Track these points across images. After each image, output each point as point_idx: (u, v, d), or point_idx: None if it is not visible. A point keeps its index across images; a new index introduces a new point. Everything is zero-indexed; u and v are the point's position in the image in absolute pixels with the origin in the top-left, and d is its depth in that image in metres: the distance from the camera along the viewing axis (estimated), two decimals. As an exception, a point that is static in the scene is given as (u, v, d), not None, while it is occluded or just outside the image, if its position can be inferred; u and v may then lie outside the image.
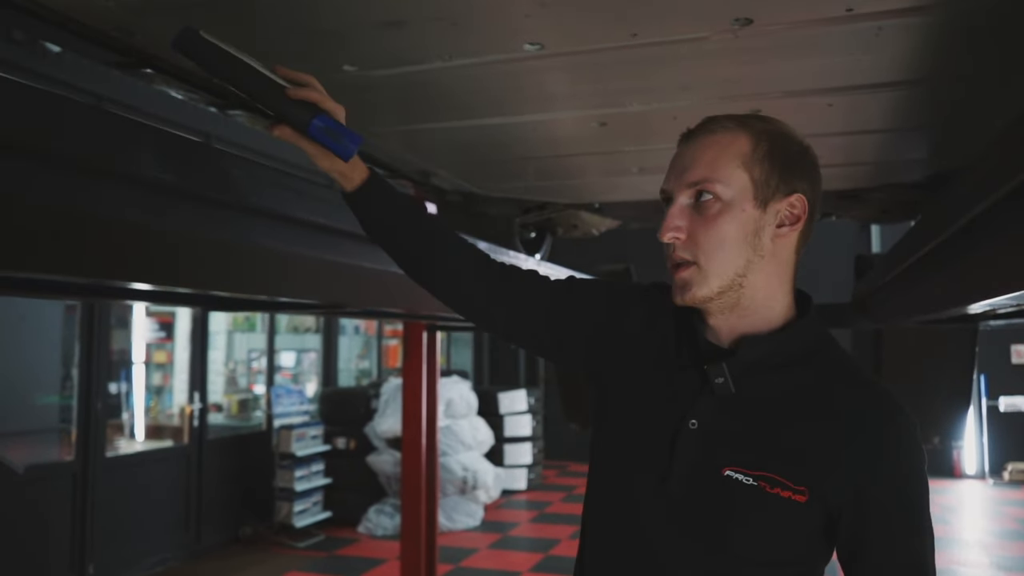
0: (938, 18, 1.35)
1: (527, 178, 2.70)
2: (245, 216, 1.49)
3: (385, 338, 9.34)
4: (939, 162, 2.49)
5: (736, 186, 1.01)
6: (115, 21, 1.34)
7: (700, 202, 1.02)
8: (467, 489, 6.99)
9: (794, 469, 0.98)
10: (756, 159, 1.02)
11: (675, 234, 1.03)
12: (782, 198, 1.03)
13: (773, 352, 1.04)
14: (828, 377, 1.04)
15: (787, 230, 1.04)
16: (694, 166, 1.03)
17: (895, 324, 3.45)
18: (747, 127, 1.05)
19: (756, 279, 1.03)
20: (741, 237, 1.02)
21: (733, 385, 1.02)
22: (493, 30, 1.40)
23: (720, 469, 1.01)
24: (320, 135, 1.11)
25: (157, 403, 6.61)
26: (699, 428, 1.03)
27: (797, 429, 1.00)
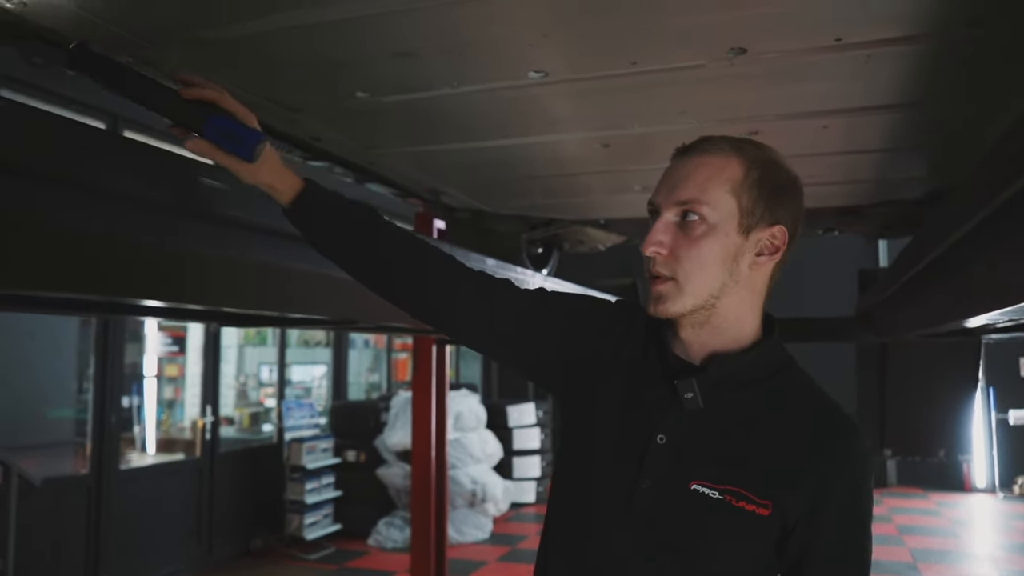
0: (927, 46, 1.41)
1: (534, 196, 2.77)
2: (255, 234, 1.54)
3: (395, 351, 9.40)
4: (938, 178, 2.54)
5: (723, 211, 1.03)
6: (136, 52, 1.41)
7: (686, 221, 1.03)
8: (476, 502, 7.02)
9: (758, 483, 1.00)
10: (746, 186, 1.03)
11: (657, 248, 1.04)
12: (764, 228, 1.05)
13: (741, 370, 1.06)
14: (790, 396, 1.07)
15: (765, 259, 1.06)
16: (685, 185, 1.04)
17: (899, 338, 3.49)
18: (741, 152, 1.05)
19: (728, 301, 1.05)
20: (720, 261, 1.03)
21: (702, 401, 1.04)
22: (499, 59, 1.47)
23: (687, 483, 1.02)
24: (217, 135, 1.07)
25: (169, 416, 6.68)
26: (667, 443, 1.04)
27: (761, 445, 1.03)
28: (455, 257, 1.25)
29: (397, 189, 2.55)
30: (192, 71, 1.47)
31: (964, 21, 1.31)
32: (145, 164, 1.27)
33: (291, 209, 1.17)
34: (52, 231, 1.15)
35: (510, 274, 2.36)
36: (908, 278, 2.23)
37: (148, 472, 5.83)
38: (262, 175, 1.14)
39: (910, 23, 1.30)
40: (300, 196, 1.17)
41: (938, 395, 3.97)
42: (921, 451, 4.11)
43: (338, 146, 2.04)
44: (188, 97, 1.09)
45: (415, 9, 1.26)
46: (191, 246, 1.40)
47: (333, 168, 2.22)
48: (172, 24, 1.31)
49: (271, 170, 1.14)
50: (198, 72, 1.47)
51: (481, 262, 2.21)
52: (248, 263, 1.54)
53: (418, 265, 1.21)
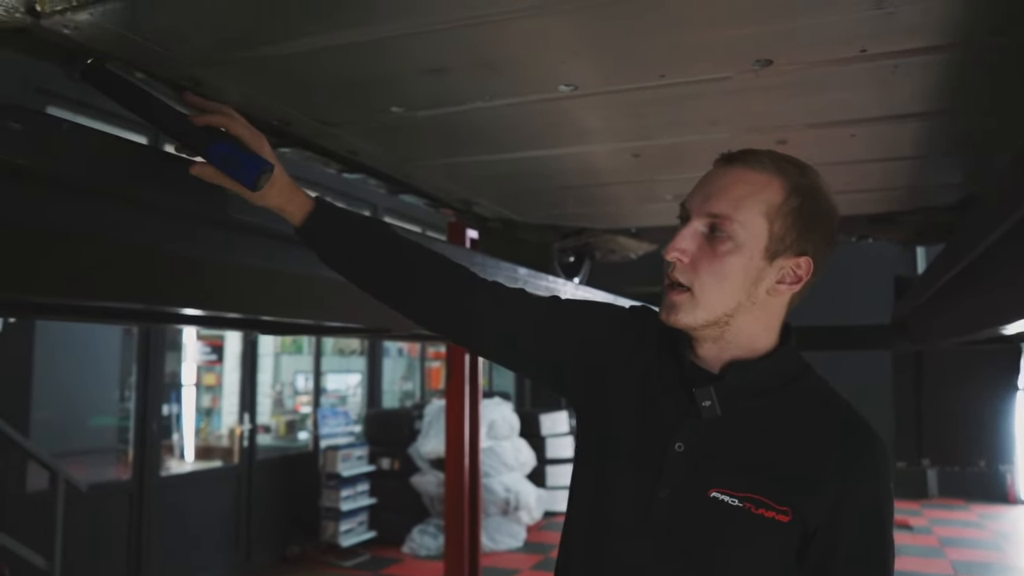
0: (954, 55, 1.42)
1: (565, 206, 2.80)
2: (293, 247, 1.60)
3: (428, 360, 9.47)
4: (972, 185, 2.52)
5: (753, 232, 1.01)
6: (178, 72, 1.47)
7: (714, 234, 1.02)
8: (509, 510, 7.04)
9: (777, 490, 1.00)
10: (781, 213, 1.01)
11: (680, 255, 1.02)
12: (791, 256, 1.03)
13: (759, 378, 1.06)
14: (808, 403, 1.06)
15: (785, 288, 1.05)
16: (719, 197, 1.02)
17: (934, 345, 3.45)
18: (785, 176, 1.03)
19: (742, 321, 1.04)
20: (740, 281, 1.02)
21: (720, 409, 1.04)
22: (530, 74, 1.51)
23: (706, 491, 1.01)
24: (221, 161, 1.07)
25: (207, 424, 6.81)
26: (685, 451, 1.04)
27: (780, 452, 1.02)
28: (466, 267, 1.25)
29: (430, 200, 2.60)
30: (234, 88, 1.55)
31: (988, 30, 1.32)
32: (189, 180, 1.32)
33: (300, 230, 1.20)
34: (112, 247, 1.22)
35: (540, 283, 2.39)
36: (941, 285, 2.22)
37: (187, 479, 5.95)
38: (270, 199, 1.15)
39: (934, 33, 1.31)
40: (309, 217, 1.18)
41: (976, 403, 3.92)
42: (960, 461, 4.06)
43: (374, 159, 2.09)
44: (197, 123, 1.10)
45: (447, 29, 1.30)
46: (231, 258, 1.46)
47: (368, 180, 2.28)
48: (215, 45, 1.37)
49: (279, 193, 1.16)
50: (238, 88, 1.54)
51: (513, 271, 2.25)
52: (285, 273, 1.60)
53: (428, 278, 1.22)
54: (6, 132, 0.98)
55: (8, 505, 4.18)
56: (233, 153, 1.08)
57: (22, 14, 1.15)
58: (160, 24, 1.27)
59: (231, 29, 1.32)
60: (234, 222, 1.41)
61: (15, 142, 0.99)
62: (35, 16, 1.17)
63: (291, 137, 1.85)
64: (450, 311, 1.23)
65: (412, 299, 1.23)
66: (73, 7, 1.15)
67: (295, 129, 1.79)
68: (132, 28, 1.27)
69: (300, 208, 1.18)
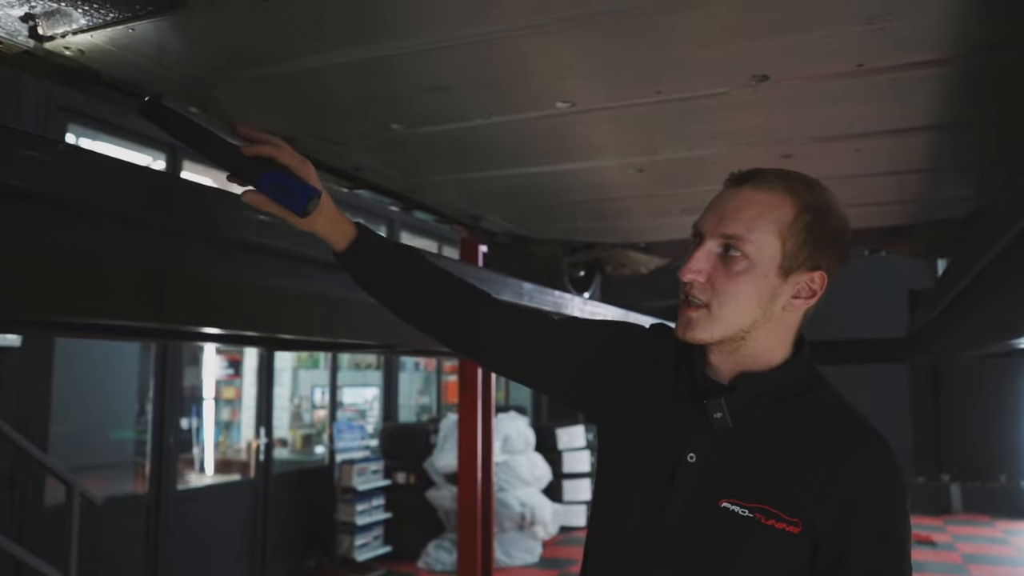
0: (953, 69, 1.42)
1: (573, 220, 2.81)
2: (305, 265, 1.62)
3: (444, 374, 9.48)
4: (984, 198, 2.50)
5: (766, 251, 1.03)
6: (184, 92, 1.50)
7: (728, 254, 1.04)
8: (525, 525, 7.01)
9: (788, 501, 1.00)
10: (793, 231, 1.03)
11: (696, 276, 1.04)
12: (805, 272, 1.05)
13: (770, 389, 1.07)
14: (819, 414, 1.07)
15: (800, 302, 1.06)
16: (732, 219, 1.04)
17: (950, 358, 3.41)
18: (794, 194, 1.05)
19: (758, 335, 1.06)
20: (756, 299, 1.04)
21: (731, 420, 1.05)
22: (528, 91, 1.52)
23: (717, 501, 1.02)
24: (271, 190, 1.12)
25: (226, 438, 6.85)
26: (697, 461, 1.06)
27: (791, 463, 1.03)
28: (490, 295, 1.31)
29: (438, 216, 2.61)
30: (238, 108, 1.57)
31: (988, 44, 1.31)
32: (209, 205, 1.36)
33: (343, 255, 1.23)
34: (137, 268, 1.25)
35: (546, 298, 2.40)
36: (952, 299, 2.20)
37: (204, 492, 5.98)
38: (317, 225, 1.19)
39: (931, 47, 1.31)
40: (352, 244, 1.22)
41: (996, 417, 3.87)
42: (981, 475, 4.00)
43: (379, 176, 2.11)
44: (247, 154, 1.14)
45: (446, 48, 1.32)
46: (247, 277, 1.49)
47: (375, 196, 2.30)
48: (217, 65, 1.39)
49: (326, 220, 1.19)
50: (242, 107, 1.57)
51: (518, 287, 2.26)
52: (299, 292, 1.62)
53: (451, 304, 1.28)
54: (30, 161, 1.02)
55: (27, 519, 4.22)
56: (283, 182, 1.12)
57: (25, 37, 1.18)
58: (162, 46, 1.29)
59: (233, 50, 1.34)
60: (253, 244, 1.45)
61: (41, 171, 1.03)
62: (38, 39, 1.20)
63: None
64: (471, 335, 1.29)
65: (437, 323, 1.30)
66: (74, 30, 1.17)
67: (299, 147, 1.78)
68: (134, 50, 1.29)
69: (344, 235, 1.22)
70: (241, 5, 1.14)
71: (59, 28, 1.16)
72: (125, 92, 1.48)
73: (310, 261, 1.62)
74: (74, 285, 1.21)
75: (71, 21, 1.14)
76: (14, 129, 1.03)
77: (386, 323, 1.92)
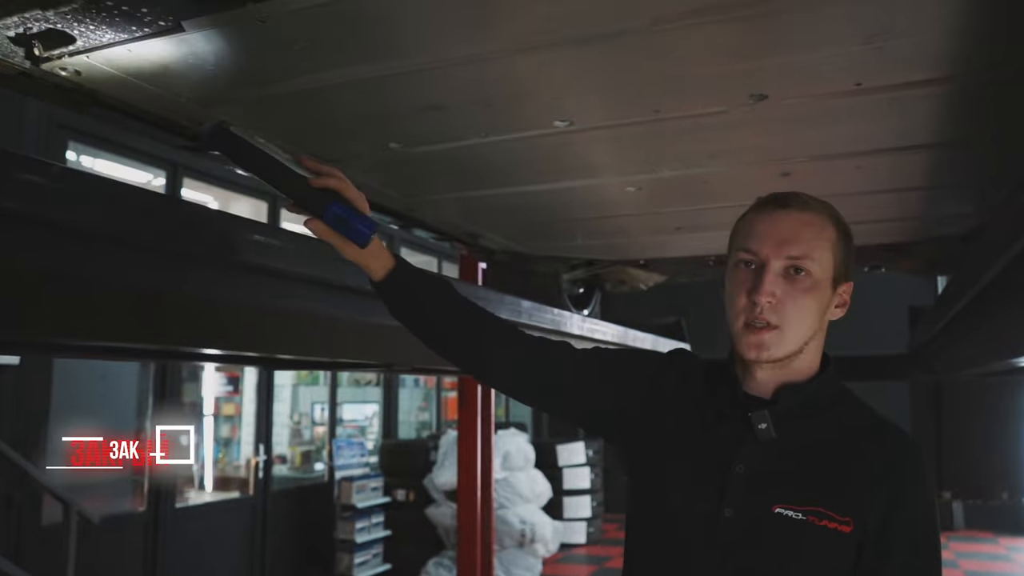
0: (952, 88, 1.42)
1: (572, 238, 2.80)
2: (304, 286, 1.62)
3: (444, 390, 9.45)
4: (984, 215, 2.50)
5: (826, 267, 1.11)
6: (183, 112, 1.50)
7: (794, 274, 1.10)
8: (525, 542, 6.96)
9: (838, 501, 1.05)
10: (839, 246, 1.13)
11: (771, 299, 1.10)
12: (844, 283, 1.14)
13: (808, 399, 1.13)
14: (854, 419, 1.14)
15: (839, 311, 1.15)
16: (795, 241, 1.10)
17: (951, 376, 3.40)
18: (830, 214, 1.14)
19: (811, 347, 1.14)
20: (817, 313, 1.12)
21: (775, 430, 1.10)
22: (525, 110, 1.52)
23: (770, 507, 1.07)
24: (335, 221, 1.16)
25: (225, 455, 6.81)
26: (746, 472, 1.10)
27: (835, 466, 1.09)
28: (515, 327, 1.35)
29: (437, 233, 2.61)
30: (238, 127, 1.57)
31: (987, 63, 1.31)
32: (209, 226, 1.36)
33: (379, 284, 1.27)
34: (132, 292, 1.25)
35: (544, 315, 2.39)
36: (952, 316, 2.19)
37: (203, 510, 5.94)
38: (364, 256, 1.23)
39: (930, 67, 1.31)
40: (389, 275, 1.26)
41: (997, 435, 3.85)
42: (982, 493, 3.98)
43: (377, 194, 2.11)
44: (315, 186, 1.18)
45: (443, 67, 1.32)
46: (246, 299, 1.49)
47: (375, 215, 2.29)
48: (215, 85, 1.39)
49: (372, 253, 1.24)
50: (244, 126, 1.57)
51: (516, 304, 2.25)
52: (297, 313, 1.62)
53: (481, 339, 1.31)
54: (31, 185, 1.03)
55: (24, 538, 4.19)
56: (347, 215, 1.16)
57: (21, 58, 1.18)
58: (159, 67, 1.29)
59: (231, 70, 1.34)
60: (253, 265, 1.44)
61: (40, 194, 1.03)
62: (34, 60, 1.19)
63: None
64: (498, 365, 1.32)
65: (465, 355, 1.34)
66: (70, 52, 1.17)
67: (297, 166, 1.80)
68: (131, 71, 1.29)
69: (383, 266, 1.26)
70: (239, 27, 1.14)
71: (56, 49, 1.16)
72: (122, 113, 1.48)
73: (311, 282, 1.62)
74: (70, 307, 1.21)
75: (68, 42, 1.14)
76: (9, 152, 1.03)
77: (385, 343, 1.92)
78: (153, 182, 5.25)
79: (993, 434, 3.78)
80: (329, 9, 1.11)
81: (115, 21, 1.05)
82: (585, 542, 8.40)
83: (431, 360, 2.12)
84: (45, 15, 1.01)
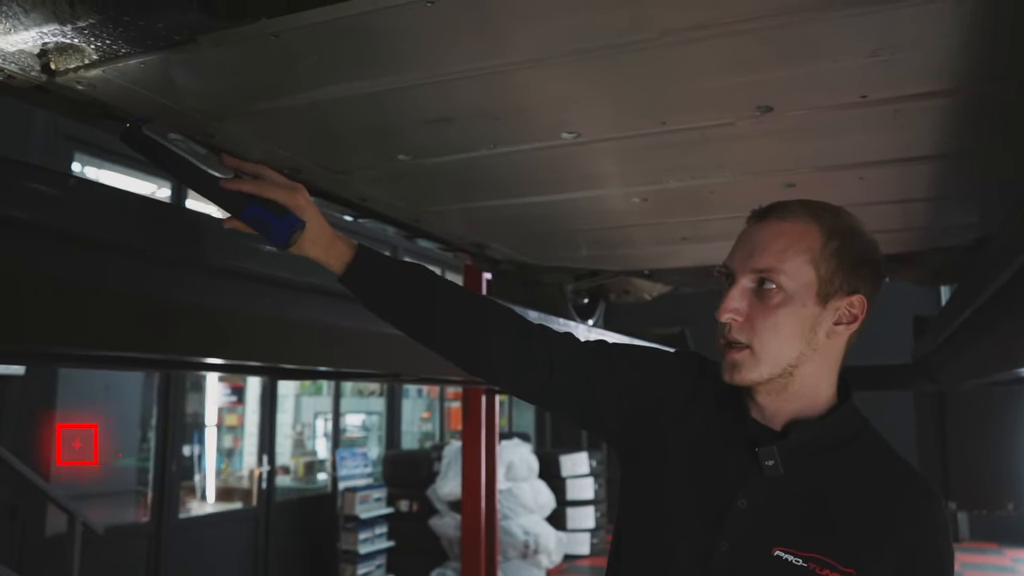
0: (956, 100, 1.43)
1: (577, 248, 2.81)
2: (306, 295, 1.63)
3: (448, 400, 9.44)
4: (990, 225, 2.50)
5: (801, 280, 1.02)
6: (194, 126, 1.51)
7: (762, 289, 1.04)
8: (529, 553, 6.95)
9: (842, 551, 0.99)
10: (824, 256, 1.03)
11: (734, 316, 1.04)
12: (843, 297, 1.04)
13: (821, 436, 1.06)
14: (869, 461, 1.07)
15: (843, 328, 1.06)
16: (762, 252, 1.04)
17: (956, 386, 3.40)
18: (819, 220, 1.05)
19: (806, 370, 1.05)
20: (798, 331, 1.03)
21: (782, 467, 1.04)
22: (532, 123, 1.53)
23: (770, 549, 1.01)
24: (252, 222, 1.14)
25: (228, 465, 6.81)
26: (748, 507, 1.04)
27: (843, 511, 1.02)
28: (513, 310, 1.25)
29: (443, 243, 2.62)
30: (245, 139, 1.59)
31: (990, 76, 1.32)
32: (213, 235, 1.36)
33: (342, 278, 1.21)
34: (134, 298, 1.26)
35: (554, 326, 2.39)
36: (957, 326, 2.20)
37: (206, 521, 5.94)
38: (306, 252, 1.18)
39: (935, 79, 1.32)
40: (350, 267, 1.19)
41: (1003, 445, 3.84)
42: (988, 504, 3.96)
43: (384, 205, 2.12)
44: (227, 187, 1.15)
45: (451, 80, 1.33)
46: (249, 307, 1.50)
47: (380, 224, 2.31)
48: (226, 98, 1.41)
49: (314, 244, 1.18)
50: (249, 138, 1.58)
51: (524, 314, 2.25)
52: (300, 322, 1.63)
53: (473, 322, 1.21)
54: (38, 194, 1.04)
55: (28, 549, 4.20)
56: (262, 216, 1.13)
57: (37, 72, 1.19)
58: (172, 80, 1.30)
59: (243, 83, 1.35)
60: (253, 274, 1.45)
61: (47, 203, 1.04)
62: (50, 74, 1.21)
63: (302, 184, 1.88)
64: (492, 355, 1.22)
65: (454, 342, 1.23)
66: (86, 65, 1.18)
67: (305, 177, 1.82)
68: (145, 84, 1.31)
69: (339, 258, 1.19)
70: (252, 41, 1.15)
71: (71, 63, 1.17)
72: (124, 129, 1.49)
73: (314, 290, 1.62)
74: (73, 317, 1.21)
75: (83, 56, 1.15)
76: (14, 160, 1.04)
77: (393, 352, 1.93)
78: (158, 192, 5.28)
79: (999, 444, 3.77)
80: (339, 25, 1.12)
81: (131, 35, 1.06)
82: (589, 553, 8.38)
83: (439, 370, 2.13)
84: (63, 30, 1.02)
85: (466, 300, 1.23)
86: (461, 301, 1.22)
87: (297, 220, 1.15)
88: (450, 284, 1.24)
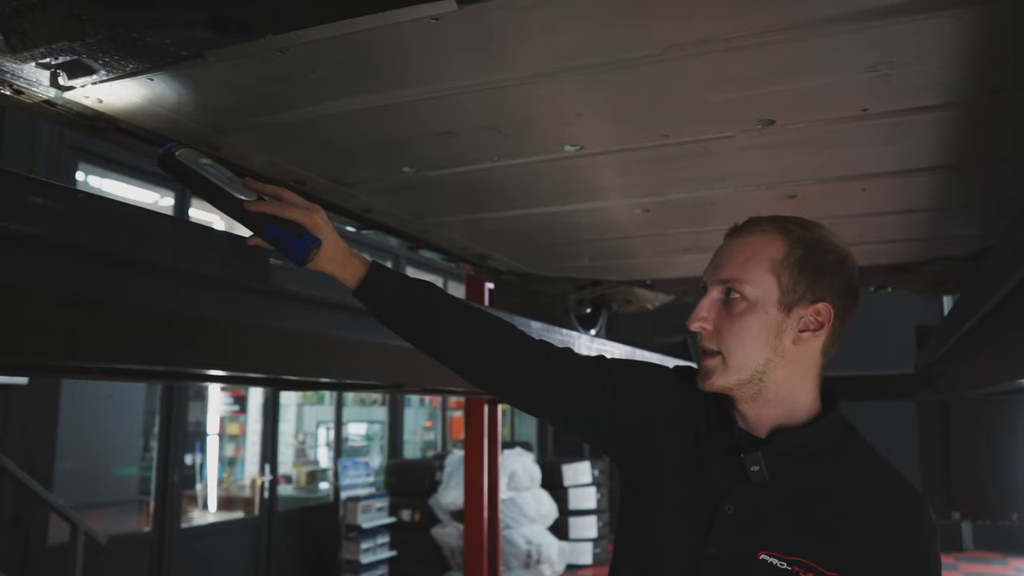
0: (956, 113, 1.44)
1: (579, 259, 2.82)
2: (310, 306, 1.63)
3: (450, 409, 9.44)
4: (991, 236, 2.51)
5: (762, 289, 1.07)
6: (201, 138, 1.52)
7: (729, 298, 1.09)
8: (531, 563, 6.93)
9: (827, 555, 1.01)
10: (786, 266, 1.07)
11: (702, 324, 1.10)
12: (807, 305, 1.07)
13: (806, 443, 1.09)
14: (854, 467, 1.09)
15: (809, 335, 1.08)
16: (728, 264, 1.10)
17: (959, 395, 3.40)
18: (786, 233, 1.09)
19: (776, 376, 1.08)
20: (763, 337, 1.07)
21: (768, 473, 1.06)
22: (535, 136, 1.54)
23: (755, 553, 1.03)
24: (272, 242, 1.21)
25: (230, 474, 6.80)
26: (735, 513, 1.07)
27: (828, 516, 1.04)
28: (514, 326, 1.29)
29: (446, 255, 2.63)
30: (251, 152, 1.60)
31: (989, 90, 1.33)
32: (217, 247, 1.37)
33: (355, 293, 1.26)
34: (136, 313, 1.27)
35: (553, 336, 2.40)
36: (959, 336, 2.20)
37: (208, 530, 5.93)
38: (322, 267, 1.24)
39: (934, 93, 1.33)
40: (363, 282, 1.25)
41: (1007, 455, 3.83)
42: (992, 514, 3.95)
43: (388, 217, 2.13)
44: (251, 211, 1.20)
45: (455, 95, 1.35)
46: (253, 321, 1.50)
47: (384, 236, 2.32)
48: (233, 112, 1.42)
49: (329, 261, 1.23)
50: (254, 151, 1.59)
51: (525, 325, 2.26)
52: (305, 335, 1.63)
53: (475, 337, 1.26)
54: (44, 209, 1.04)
55: (30, 558, 4.19)
56: (282, 235, 1.20)
57: (46, 87, 1.21)
58: (180, 95, 1.32)
59: (249, 98, 1.37)
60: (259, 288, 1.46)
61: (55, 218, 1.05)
62: (59, 89, 1.22)
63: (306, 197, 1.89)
64: (495, 369, 1.27)
65: (459, 356, 1.29)
66: (95, 81, 1.20)
67: (310, 189, 1.83)
68: (152, 99, 1.32)
69: (353, 275, 1.25)
70: (258, 57, 1.16)
71: (80, 79, 1.19)
72: (139, 138, 1.51)
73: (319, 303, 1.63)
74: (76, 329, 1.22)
75: (92, 72, 1.16)
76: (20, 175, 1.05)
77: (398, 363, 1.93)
78: (160, 202, 5.30)
79: (1003, 454, 3.76)
80: (344, 40, 1.14)
81: (139, 52, 1.08)
82: (591, 563, 8.34)
83: (441, 380, 2.13)
84: (72, 46, 1.04)
85: (470, 315, 1.28)
86: (465, 316, 1.27)
87: (314, 239, 1.21)
88: (456, 300, 1.30)
